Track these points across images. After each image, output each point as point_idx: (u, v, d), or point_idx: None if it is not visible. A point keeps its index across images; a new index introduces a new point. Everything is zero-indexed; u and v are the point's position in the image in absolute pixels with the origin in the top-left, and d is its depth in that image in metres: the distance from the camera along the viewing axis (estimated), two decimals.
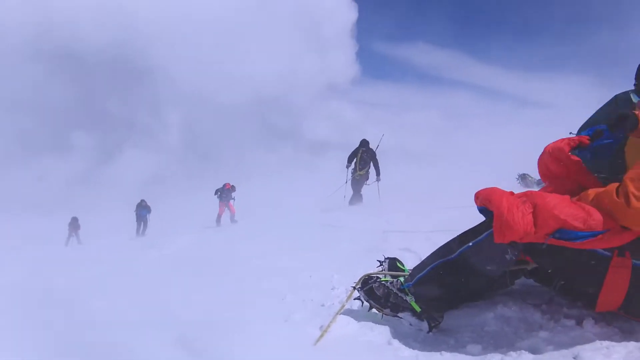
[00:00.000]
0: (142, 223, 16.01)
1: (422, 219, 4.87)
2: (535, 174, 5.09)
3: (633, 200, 1.39)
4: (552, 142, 1.89)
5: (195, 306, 2.65)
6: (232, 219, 13.78)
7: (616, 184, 1.48)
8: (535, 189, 2.50)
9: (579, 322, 1.66)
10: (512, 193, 1.61)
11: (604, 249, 1.50)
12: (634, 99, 1.76)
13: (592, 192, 1.53)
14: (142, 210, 16.19)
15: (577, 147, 1.82)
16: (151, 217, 16.17)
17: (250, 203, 14.09)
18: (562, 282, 1.78)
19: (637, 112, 1.58)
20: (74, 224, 17.70)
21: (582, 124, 4.15)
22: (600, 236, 1.44)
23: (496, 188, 1.65)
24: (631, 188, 1.40)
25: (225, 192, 14.18)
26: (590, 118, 3.76)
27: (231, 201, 14.21)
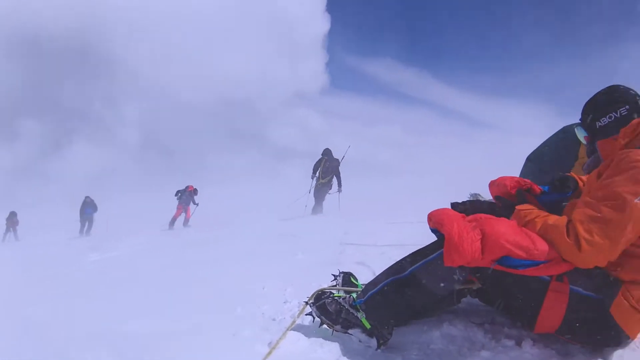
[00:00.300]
0: (87, 222, 15.03)
1: (380, 233, 4.94)
2: (487, 194, 5.32)
3: (584, 244, 1.44)
4: (503, 177, 2.00)
5: (135, 317, 2.49)
6: (186, 223, 13.30)
7: (565, 219, 1.55)
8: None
9: (518, 343, 1.74)
10: (463, 216, 1.66)
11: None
12: (579, 134, 1.88)
13: (539, 220, 1.59)
14: (87, 207, 15.20)
15: (526, 190, 1.92)
16: (97, 216, 15.23)
17: (209, 207, 13.67)
18: (504, 303, 1.85)
19: (573, 174, 1.71)
20: (12, 219, 16.36)
21: (529, 150, 4.39)
22: (541, 265, 1.52)
23: (448, 210, 1.69)
24: (581, 231, 1.46)
25: (186, 195, 13.64)
26: (539, 147, 4.03)
27: (190, 205, 13.69)
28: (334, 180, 10.63)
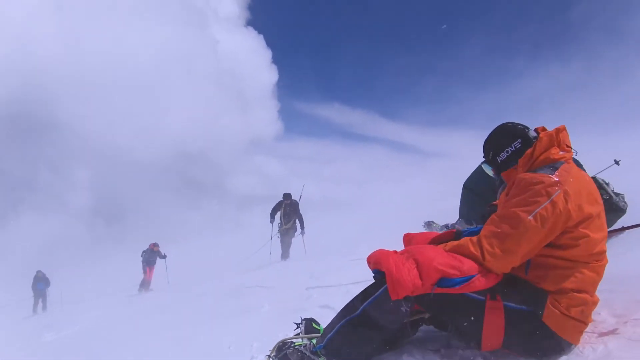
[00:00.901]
0: (40, 298, 13.87)
1: (343, 271, 5.01)
2: (440, 220, 5.62)
3: (487, 255, 1.69)
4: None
5: None
6: (147, 286, 12.60)
7: (469, 238, 1.77)
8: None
9: None
10: (395, 252, 1.81)
11: (478, 294, 1.73)
12: (486, 169, 2.15)
13: (449, 245, 1.80)
14: (39, 283, 14.09)
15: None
16: (51, 291, 14.11)
17: (170, 266, 13.10)
18: (455, 327, 1.97)
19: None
20: None
21: (469, 174, 4.74)
22: (472, 280, 1.68)
23: (382, 250, 1.84)
24: (485, 244, 1.71)
25: (150, 254, 12.98)
26: (472, 174, 4.38)
27: (154, 265, 12.99)
28: (297, 223, 10.62)
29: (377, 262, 1.77)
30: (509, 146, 1.94)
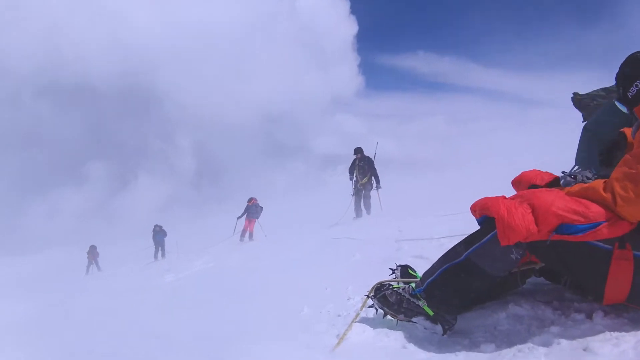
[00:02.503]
0: (160, 247, 16.27)
1: (435, 226, 4.89)
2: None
3: (619, 200, 1.48)
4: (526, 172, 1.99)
5: (215, 323, 2.73)
6: (250, 237, 13.82)
7: (601, 181, 1.55)
8: None
9: (589, 316, 1.70)
10: (504, 197, 1.69)
11: (605, 243, 1.55)
12: (620, 107, 1.84)
13: (576, 187, 1.60)
14: (158, 235, 16.49)
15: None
16: (168, 241, 16.42)
17: (263, 222, 14.18)
18: (570, 279, 1.82)
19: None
20: (93, 252, 18.04)
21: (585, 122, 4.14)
22: (599, 227, 1.50)
23: (489, 197, 1.72)
24: (617, 188, 1.49)
25: (250, 208, 14.20)
26: (596, 115, 3.79)
27: (255, 218, 14.11)
28: (372, 178, 10.48)
29: (485, 208, 1.67)
30: (639, 79, 1.63)
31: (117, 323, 3.84)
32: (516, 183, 2.06)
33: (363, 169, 10.37)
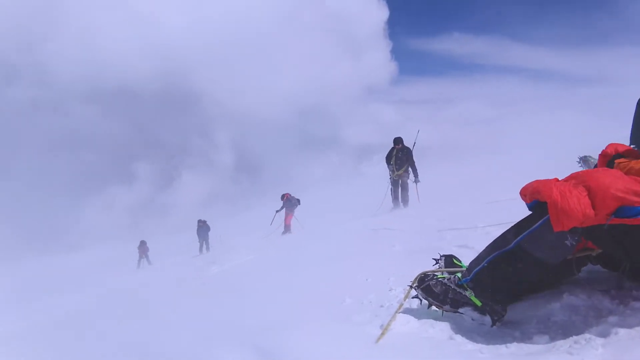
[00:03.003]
0: (204, 242, 16.96)
1: (478, 214, 4.72)
2: (597, 155, 4.74)
3: None
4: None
5: (259, 312, 2.81)
6: (288, 230, 14.06)
7: None
8: None
9: None
10: (557, 179, 1.58)
11: None
12: None
13: (635, 163, 1.47)
14: (202, 229, 17.19)
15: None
16: (211, 235, 17.07)
17: (300, 214, 14.35)
18: (630, 265, 1.69)
19: None
20: (143, 247, 19.07)
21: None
22: None
23: (540, 179, 1.63)
24: None
25: (286, 203, 14.49)
26: None
27: (292, 212, 14.36)
28: (410, 170, 10.12)
29: (536, 192, 1.58)
30: None
31: (168, 311, 4.05)
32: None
33: (400, 160, 10.02)
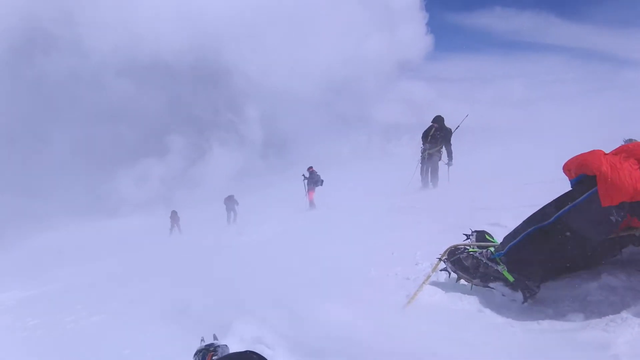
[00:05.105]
0: (233, 214, 17.47)
1: (513, 195, 4.57)
2: None
3: None
4: None
5: (288, 279, 2.88)
6: (312, 205, 14.12)
7: None
8: None
9: None
10: (604, 152, 1.49)
11: None
12: None
13: None
14: (231, 203, 17.69)
15: None
16: (239, 209, 17.51)
17: (327, 190, 14.38)
18: None
19: None
20: (174, 216, 19.81)
21: None
22: None
23: (585, 152, 1.53)
24: None
25: (311, 176, 14.49)
26: None
27: (313, 188, 14.35)
28: (443, 150, 9.77)
29: (583, 165, 1.50)
30: None
31: (203, 276, 4.23)
32: None
33: (436, 139, 9.70)
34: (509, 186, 5.47)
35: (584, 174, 1.53)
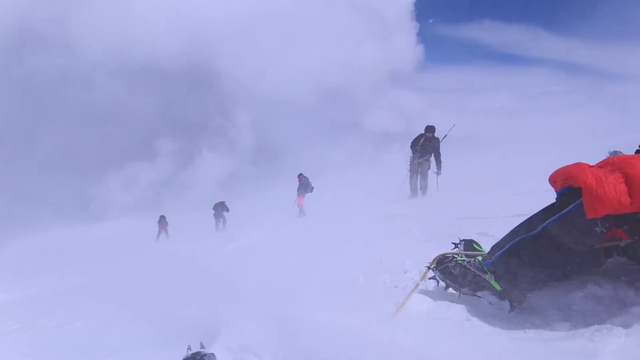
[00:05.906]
0: (222, 220, 17.28)
1: (500, 204, 4.62)
2: (627, 151, 4.54)
3: None
4: None
5: (275, 284, 2.86)
6: (302, 212, 14.10)
7: None
8: None
9: None
10: (589, 165, 1.52)
11: None
12: None
13: None
14: (221, 209, 17.51)
15: None
16: (229, 216, 17.37)
17: (316, 198, 14.38)
18: None
19: None
20: (163, 222, 19.54)
21: None
22: None
23: (571, 164, 1.57)
24: None
25: (301, 183, 14.49)
26: None
27: (303, 194, 14.34)
28: (432, 160, 9.88)
29: (569, 177, 1.53)
30: None
31: (190, 282, 4.17)
32: None
33: (425, 148, 9.82)
34: (498, 196, 5.54)
35: (569, 185, 1.56)
